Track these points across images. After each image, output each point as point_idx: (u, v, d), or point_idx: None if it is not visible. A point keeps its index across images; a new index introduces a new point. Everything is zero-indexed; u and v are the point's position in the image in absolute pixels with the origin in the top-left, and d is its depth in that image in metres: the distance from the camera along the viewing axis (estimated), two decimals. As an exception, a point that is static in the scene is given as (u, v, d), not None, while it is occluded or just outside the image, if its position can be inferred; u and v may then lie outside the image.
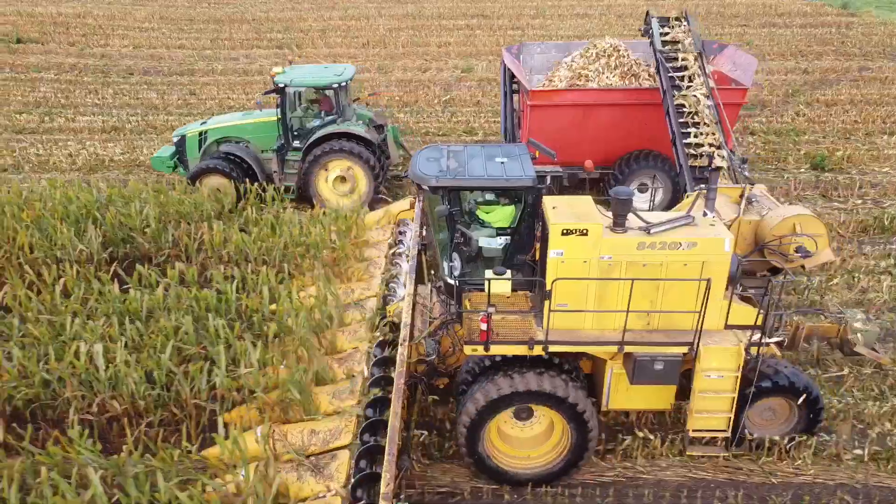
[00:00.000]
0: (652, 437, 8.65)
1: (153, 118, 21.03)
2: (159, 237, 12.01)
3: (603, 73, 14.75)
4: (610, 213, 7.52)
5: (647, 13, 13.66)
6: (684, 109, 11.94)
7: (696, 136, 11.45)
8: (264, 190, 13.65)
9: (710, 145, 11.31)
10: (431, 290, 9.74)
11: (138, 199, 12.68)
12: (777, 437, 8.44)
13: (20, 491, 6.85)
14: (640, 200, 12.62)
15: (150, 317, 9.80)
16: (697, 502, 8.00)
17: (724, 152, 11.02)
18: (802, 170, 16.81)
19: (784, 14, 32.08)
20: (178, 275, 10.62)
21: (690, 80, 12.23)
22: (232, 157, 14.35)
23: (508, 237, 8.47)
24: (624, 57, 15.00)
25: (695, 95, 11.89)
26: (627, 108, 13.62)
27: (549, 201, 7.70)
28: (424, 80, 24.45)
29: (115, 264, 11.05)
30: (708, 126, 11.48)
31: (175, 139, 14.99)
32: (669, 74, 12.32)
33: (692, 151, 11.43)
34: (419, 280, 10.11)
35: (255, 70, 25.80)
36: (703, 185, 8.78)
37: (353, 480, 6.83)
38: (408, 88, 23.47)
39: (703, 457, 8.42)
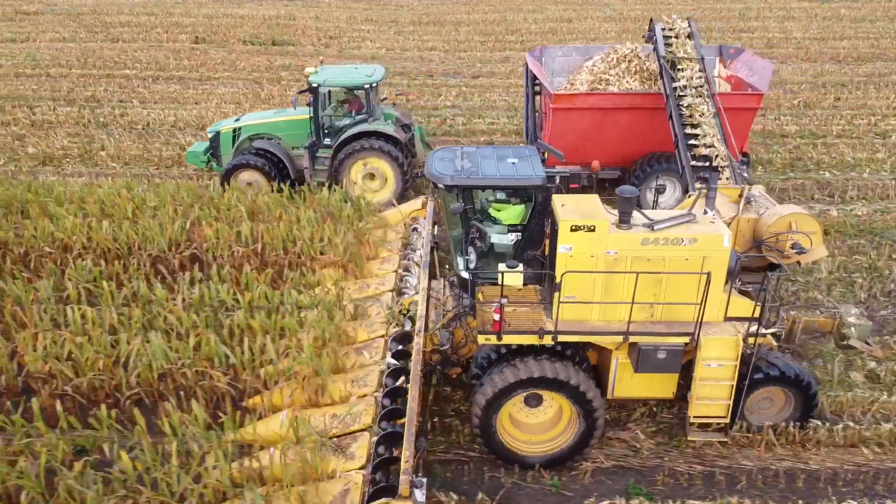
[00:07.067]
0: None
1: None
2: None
3: (623, 77, 15.14)
4: (616, 211, 7.98)
5: (651, 20, 14.10)
6: (686, 113, 12.37)
7: (698, 140, 11.90)
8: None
9: (708, 146, 11.77)
10: (444, 285, 10.21)
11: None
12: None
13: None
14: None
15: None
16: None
17: (724, 155, 11.45)
18: None
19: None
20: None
21: (693, 85, 12.65)
22: (264, 154, 14.86)
23: (519, 234, 8.92)
24: (644, 62, 15.40)
25: (696, 100, 12.33)
26: (646, 112, 13.95)
27: (558, 199, 8.17)
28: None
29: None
30: (709, 129, 11.90)
31: (210, 135, 15.52)
32: (672, 79, 12.76)
33: (694, 148, 11.90)
34: (431, 275, 10.58)
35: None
36: (704, 185, 9.21)
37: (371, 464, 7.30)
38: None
39: (703, 442, 8.85)
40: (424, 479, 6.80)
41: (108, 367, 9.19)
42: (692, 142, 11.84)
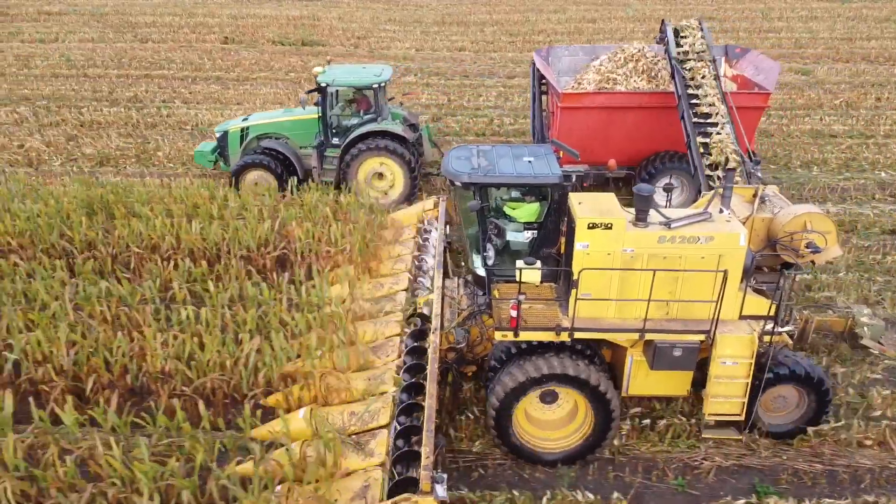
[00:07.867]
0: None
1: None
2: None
3: (630, 76, 15.23)
4: (632, 209, 8.04)
5: (663, 21, 14.17)
6: (698, 112, 12.43)
7: (699, 99, 12.05)
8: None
9: (710, 105, 11.94)
10: (458, 284, 10.26)
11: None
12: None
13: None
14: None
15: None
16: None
17: (738, 154, 11.50)
18: None
19: None
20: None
21: (704, 86, 12.72)
22: (273, 153, 14.96)
23: (534, 232, 8.98)
24: (651, 61, 15.48)
25: (698, 63, 12.47)
26: (654, 111, 14.04)
27: (574, 198, 8.22)
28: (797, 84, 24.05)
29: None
30: (722, 130, 11.96)
31: (217, 134, 15.62)
32: (684, 80, 12.82)
33: (696, 107, 12.06)
34: (445, 274, 10.64)
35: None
36: (719, 185, 9.27)
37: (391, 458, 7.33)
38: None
39: (717, 439, 8.89)
40: (445, 475, 6.85)
41: (230, 367, 9.20)
42: (694, 101, 12.00)
